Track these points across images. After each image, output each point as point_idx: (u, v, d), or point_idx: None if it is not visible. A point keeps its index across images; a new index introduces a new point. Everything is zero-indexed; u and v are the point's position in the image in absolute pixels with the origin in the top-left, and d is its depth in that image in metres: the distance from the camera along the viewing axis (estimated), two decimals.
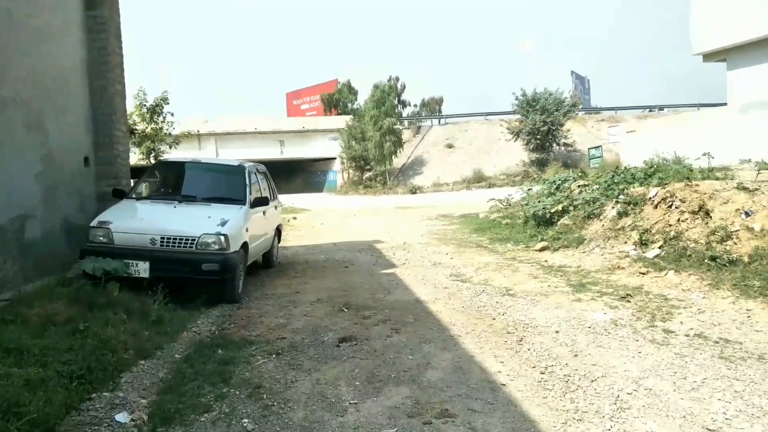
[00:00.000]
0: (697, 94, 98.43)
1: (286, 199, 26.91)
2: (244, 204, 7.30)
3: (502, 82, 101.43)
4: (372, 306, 6.60)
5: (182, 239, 6.38)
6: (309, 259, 10.10)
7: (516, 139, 34.83)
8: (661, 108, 42.64)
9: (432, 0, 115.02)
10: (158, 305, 5.94)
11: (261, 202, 7.58)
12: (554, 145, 34.56)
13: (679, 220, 8.35)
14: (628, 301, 6.53)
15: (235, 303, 6.75)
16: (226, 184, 7.71)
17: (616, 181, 10.47)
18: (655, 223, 8.60)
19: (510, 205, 14.96)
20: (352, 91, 48.10)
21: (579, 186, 12.23)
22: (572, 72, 51.59)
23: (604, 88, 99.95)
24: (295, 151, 40.75)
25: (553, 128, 33.58)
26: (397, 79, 44.21)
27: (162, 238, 6.37)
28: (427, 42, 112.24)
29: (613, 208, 9.65)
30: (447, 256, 9.94)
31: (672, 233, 8.19)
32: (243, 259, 7.00)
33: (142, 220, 6.64)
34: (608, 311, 6.20)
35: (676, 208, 8.57)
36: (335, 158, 39.95)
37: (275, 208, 9.27)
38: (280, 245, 10.77)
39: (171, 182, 8.10)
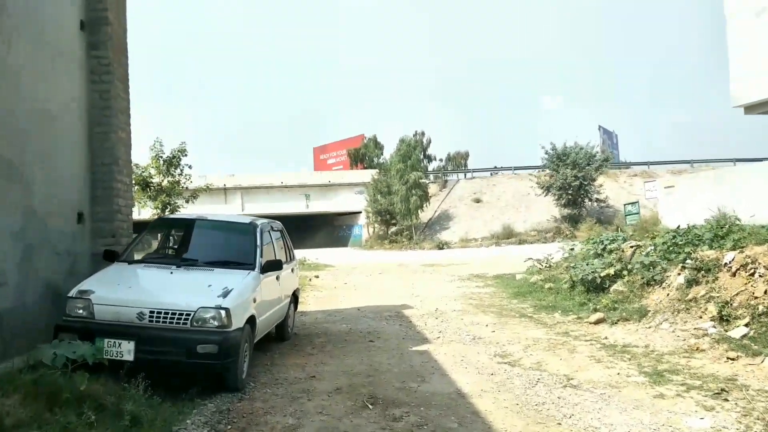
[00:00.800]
0: (732, 147, 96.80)
1: (310, 253, 26.01)
2: (254, 269, 6.18)
3: (527, 137, 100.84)
4: (403, 401, 5.31)
5: (175, 313, 5.24)
6: (329, 329, 8.85)
7: (546, 194, 33.85)
8: (694, 162, 41.14)
9: (456, 58, 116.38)
10: (138, 399, 4.74)
11: (274, 265, 6.46)
12: (586, 200, 33.47)
13: (766, 291, 6.98)
14: (726, 399, 5.14)
15: (237, 392, 5.52)
16: (233, 246, 6.62)
17: (677, 242, 9.13)
18: (736, 294, 7.23)
19: (550, 266, 13.66)
20: (378, 146, 47.77)
21: (631, 247, 10.89)
22: (599, 126, 50.29)
23: (633, 143, 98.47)
24: (320, 205, 40.24)
25: (585, 183, 32.63)
26: (423, 133, 43.59)
27: (151, 311, 5.24)
28: (452, 97, 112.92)
29: (679, 274, 8.29)
30: (487, 328, 8.61)
31: (761, 308, 6.80)
32: (249, 337, 5.81)
33: (130, 290, 5.53)
34: (704, 414, 4.82)
35: (760, 276, 7.21)
36: (360, 212, 39.25)
37: (292, 270, 8.13)
38: (298, 310, 9.61)
39: (170, 243, 7.05)
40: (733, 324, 6.83)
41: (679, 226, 9.84)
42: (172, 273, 5.91)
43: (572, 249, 13.69)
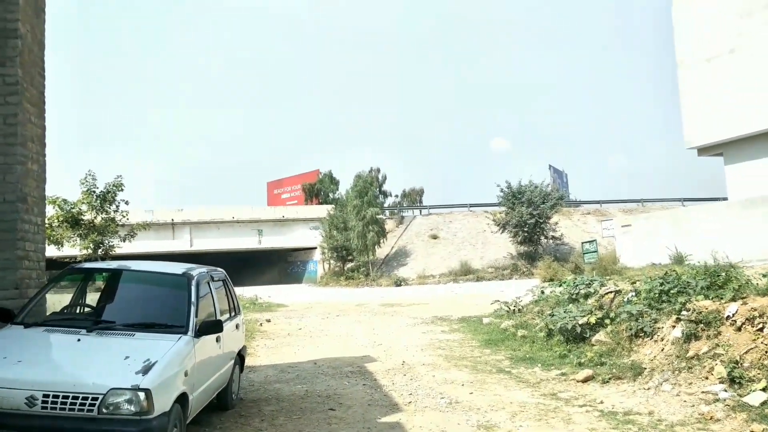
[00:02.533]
0: (683, 186, 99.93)
1: (262, 291, 25.25)
2: (186, 332, 4.91)
3: (480, 176, 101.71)
4: None
5: (77, 397, 3.93)
6: (281, 392, 7.54)
7: (502, 231, 33.60)
8: (644, 201, 41.73)
9: (409, 96, 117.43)
10: None
11: (212, 327, 5.23)
12: (542, 237, 33.37)
13: None
14: None
15: None
16: (161, 303, 5.32)
17: (666, 289, 8.28)
18: (745, 352, 6.36)
19: (520, 309, 12.78)
20: (334, 181, 47.16)
21: (610, 292, 10.03)
22: (550, 166, 50.69)
23: (582, 182, 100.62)
24: (274, 240, 39.04)
25: (541, 221, 32.50)
26: (378, 170, 43.28)
27: (45, 395, 3.92)
28: (406, 135, 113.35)
29: (674, 326, 7.40)
30: (464, 388, 7.47)
31: None
32: (179, 420, 4.51)
33: (19, 365, 4.16)
34: None
35: None
36: (316, 248, 38.30)
37: (236, 327, 6.83)
38: (246, 365, 8.27)
39: (82, 299, 5.71)
40: (746, 387, 5.93)
41: (666, 272, 9.01)
42: (79, 340, 4.56)
43: (543, 292, 12.89)
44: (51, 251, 14.28)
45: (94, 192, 14.77)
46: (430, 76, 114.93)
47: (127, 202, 16.00)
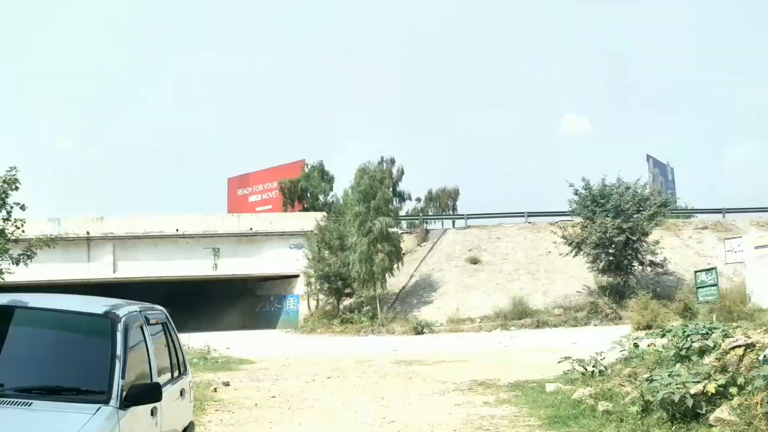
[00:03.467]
0: None
1: (218, 339, 25.70)
2: (108, 401, 4.86)
3: (543, 169, 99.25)
4: None
5: None
6: None
7: (576, 254, 33.67)
8: None
9: (438, 56, 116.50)
10: None
11: (147, 393, 5.19)
12: (635, 263, 33.18)
13: None
14: None
15: None
16: (71, 358, 5.30)
17: None
18: None
19: (601, 371, 12.83)
20: (326, 178, 47.39)
21: (738, 346, 9.97)
22: (648, 156, 50.79)
23: (698, 180, 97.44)
24: (236, 264, 39.27)
25: (634, 238, 32.32)
26: (392, 161, 43.78)
27: None
28: (435, 113, 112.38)
29: None
30: None
31: None
32: None
33: None
34: None
35: None
36: (298, 276, 38.45)
37: (181, 393, 6.85)
38: None
39: None
40: None
41: None
42: None
43: (636, 345, 13.12)
44: None
45: None
46: (465, 23, 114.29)
47: (23, 207, 16.13)
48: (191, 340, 23.24)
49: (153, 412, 5.62)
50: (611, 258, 32.38)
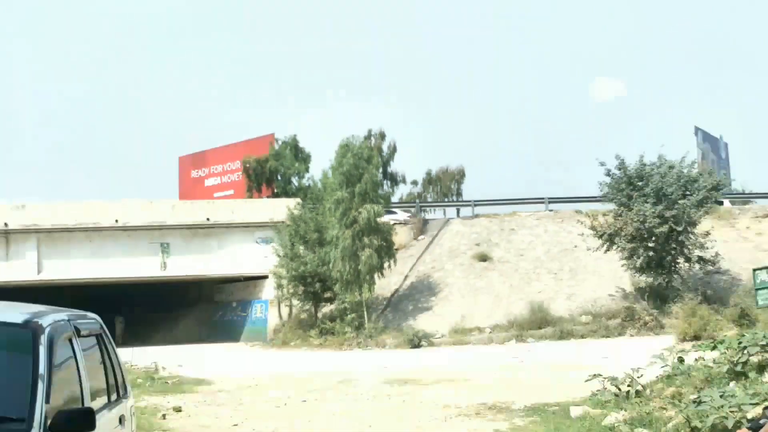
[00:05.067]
0: None
1: (167, 354, 23.01)
2: (29, 431, 3.85)
3: (569, 144, 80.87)
4: None
5: None
6: None
7: (608, 248, 27.17)
8: None
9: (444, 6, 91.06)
10: None
11: (79, 419, 4.09)
12: (681, 259, 26.69)
13: None
14: None
15: None
16: None
17: None
18: None
19: (638, 391, 10.99)
20: (301, 156, 39.58)
21: None
22: (697, 129, 42.84)
23: (756, 157, 76.14)
24: (190, 263, 32.37)
25: (679, 229, 25.65)
26: (383, 136, 37.81)
27: None
28: (435, 78, 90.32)
29: None
30: None
31: None
32: None
33: None
34: None
35: None
36: (266, 277, 31.88)
37: (120, 421, 5.66)
38: None
39: None
40: None
41: None
42: None
43: (681, 359, 11.67)
44: None
45: None
46: None
47: None
48: (135, 356, 20.64)
49: None
50: (651, 253, 25.71)
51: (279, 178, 39.63)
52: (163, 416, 12.49)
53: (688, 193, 26.19)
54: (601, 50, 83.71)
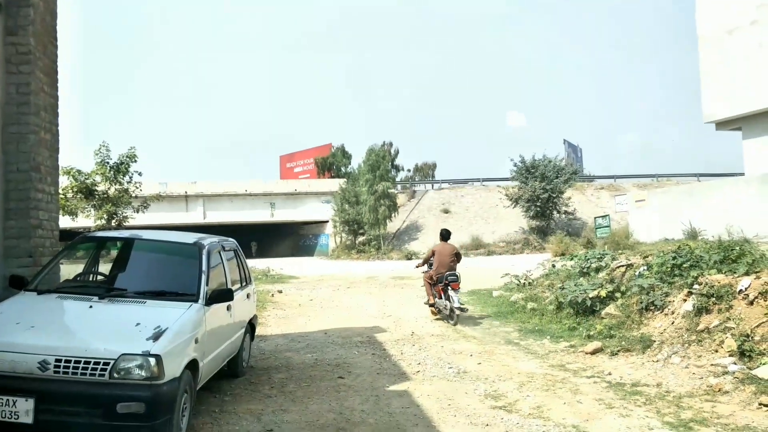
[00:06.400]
0: (698, 164, 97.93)
1: (274, 263, 25.60)
2: (197, 300, 4.94)
3: (493, 151, 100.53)
4: None
5: (89, 362, 4.01)
6: (292, 360, 7.65)
7: (515, 206, 33.33)
8: (659, 177, 41.20)
9: (424, 70, 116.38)
10: None
11: (223, 295, 5.25)
12: (555, 212, 33.14)
13: None
14: None
15: None
16: (172, 272, 5.34)
17: (679, 263, 8.23)
18: (757, 326, 6.32)
19: (530, 283, 12.72)
20: (346, 155, 46.83)
21: (621, 266, 9.99)
22: (564, 140, 49.86)
23: (596, 157, 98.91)
24: (286, 213, 38.87)
25: (554, 195, 32.27)
26: (391, 144, 41.97)
27: (57, 360, 4.00)
28: (419, 110, 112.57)
29: (685, 300, 7.38)
30: (472, 358, 7.54)
31: None
32: (189, 387, 4.59)
33: (32, 331, 4.24)
34: None
35: None
36: (327, 221, 37.98)
37: (247, 296, 6.86)
38: (257, 334, 8.43)
39: (94, 266, 5.78)
40: (756, 360, 5.90)
41: (679, 246, 8.94)
42: (91, 307, 4.63)
43: (554, 265, 12.88)
44: (66, 222, 14.46)
45: (108, 163, 14.85)
46: (444, 49, 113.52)
47: (140, 173, 16.05)
48: (257, 264, 23.30)
49: (228, 308, 5.75)
50: (538, 209, 32.39)
51: (334, 167, 45.99)
52: (272, 295, 14.58)
53: (559, 176, 32.33)
54: (513, 93, 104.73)
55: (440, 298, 10.48)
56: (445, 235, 11.71)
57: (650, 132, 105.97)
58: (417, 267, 11.55)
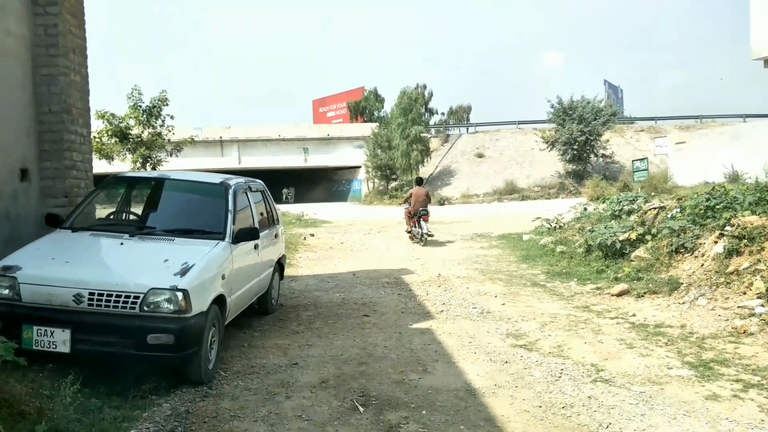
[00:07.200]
0: (739, 104, 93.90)
1: (308, 208, 25.54)
2: (223, 239, 5.08)
3: (530, 93, 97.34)
4: (401, 400, 4.33)
5: (120, 296, 4.20)
6: (320, 299, 7.86)
7: (551, 149, 32.41)
8: (703, 118, 39.60)
9: (459, 12, 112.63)
10: (71, 402, 3.76)
11: (249, 234, 5.38)
12: (592, 156, 32.15)
13: None
14: None
15: (201, 385, 4.54)
16: (199, 211, 5.48)
17: (712, 204, 8.03)
18: None
19: (561, 226, 12.58)
20: (379, 99, 45.83)
21: (654, 208, 9.80)
22: (605, 81, 48.40)
23: (637, 98, 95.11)
24: (319, 159, 38.82)
25: (591, 138, 31.19)
26: (425, 86, 41.55)
27: (91, 293, 4.20)
28: (454, 51, 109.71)
29: (716, 242, 7.23)
30: (496, 299, 7.61)
31: None
32: (216, 321, 4.78)
33: (67, 266, 4.45)
34: None
35: None
36: (360, 167, 37.78)
37: (275, 236, 7.00)
38: (287, 275, 8.66)
39: (125, 206, 5.96)
40: None
41: (714, 188, 8.71)
42: (122, 244, 4.82)
43: (585, 209, 12.69)
44: (102, 166, 14.85)
45: (140, 106, 15.01)
46: None
47: (172, 117, 16.21)
48: (290, 209, 24.11)
49: (255, 247, 5.88)
50: (575, 152, 31.42)
51: (367, 111, 45.10)
52: (304, 238, 14.89)
53: (597, 118, 30.97)
54: (551, 31, 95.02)
55: (415, 227, 13.58)
56: (419, 181, 15.48)
57: (694, 71, 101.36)
58: (400, 205, 15.35)
